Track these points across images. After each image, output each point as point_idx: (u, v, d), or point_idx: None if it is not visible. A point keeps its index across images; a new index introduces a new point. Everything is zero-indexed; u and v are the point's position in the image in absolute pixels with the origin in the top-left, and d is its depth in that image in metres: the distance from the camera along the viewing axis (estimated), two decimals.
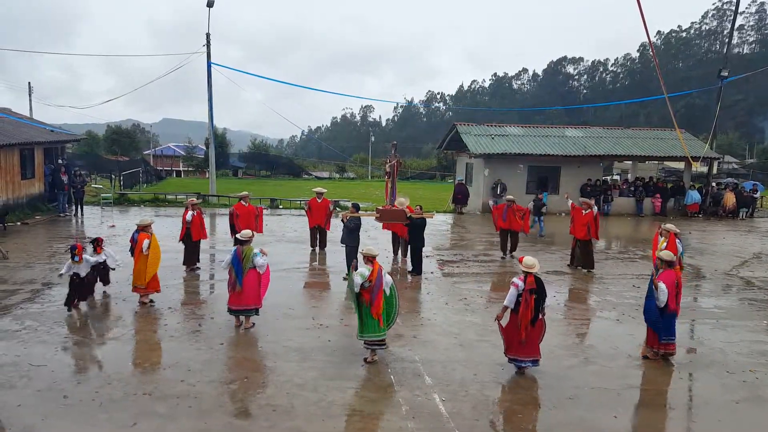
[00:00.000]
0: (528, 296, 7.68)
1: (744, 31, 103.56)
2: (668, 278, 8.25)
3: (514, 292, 7.78)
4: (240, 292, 9.13)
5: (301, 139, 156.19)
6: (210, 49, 26.48)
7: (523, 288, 7.71)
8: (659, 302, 8.14)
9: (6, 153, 19.64)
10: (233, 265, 9.15)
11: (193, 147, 64.34)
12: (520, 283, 7.76)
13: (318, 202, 15.63)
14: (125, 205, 25.79)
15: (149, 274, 10.31)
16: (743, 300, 12.33)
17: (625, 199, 27.00)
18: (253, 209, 14.81)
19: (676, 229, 11.39)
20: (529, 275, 7.79)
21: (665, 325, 8.30)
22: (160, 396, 6.89)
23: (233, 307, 9.30)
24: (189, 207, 13.34)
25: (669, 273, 8.34)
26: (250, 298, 9.20)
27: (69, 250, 10.38)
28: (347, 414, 6.64)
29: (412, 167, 60.30)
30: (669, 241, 11.10)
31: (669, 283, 8.18)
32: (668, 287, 8.14)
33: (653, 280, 8.19)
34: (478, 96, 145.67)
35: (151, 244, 10.25)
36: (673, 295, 8.21)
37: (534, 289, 7.72)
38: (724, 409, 7.09)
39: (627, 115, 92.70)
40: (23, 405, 6.57)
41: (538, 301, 7.76)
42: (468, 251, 16.87)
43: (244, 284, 9.10)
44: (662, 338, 8.36)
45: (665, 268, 8.40)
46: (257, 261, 9.15)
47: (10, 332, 8.90)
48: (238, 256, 9.15)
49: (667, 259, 8.44)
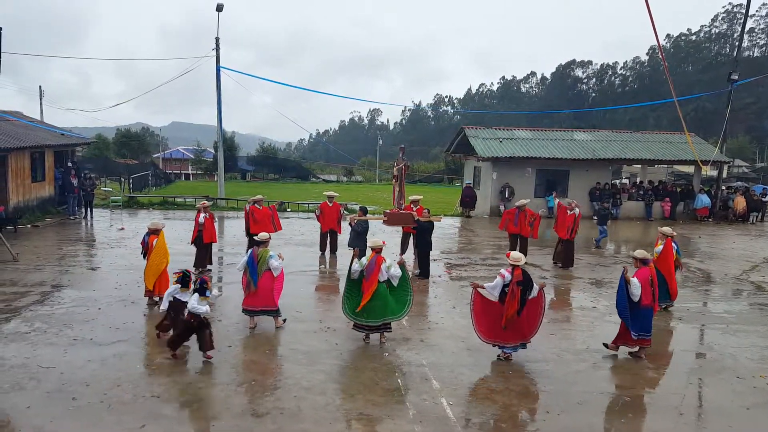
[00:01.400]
0: (515, 288, 8.12)
1: (754, 34, 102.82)
2: (642, 275, 8.59)
3: (499, 282, 8.22)
4: (254, 293, 9.25)
5: (309, 143, 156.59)
6: (219, 52, 26.60)
7: (510, 280, 8.15)
8: (633, 296, 8.46)
9: (17, 156, 19.81)
10: (248, 266, 9.27)
11: (201, 150, 64.62)
12: (507, 274, 8.20)
13: (329, 205, 15.69)
14: (134, 208, 25.94)
15: (155, 274, 10.30)
16: (754, 305, 12.22)
17: (635, 203, 26.85)
18: (268, 212, 14.92)
19: (672, 232, 11.42)
20: (517, 268, 8.23)
21: (641, 320, 8.55)
22: (168, 398, 6.91)
23: (248, 308, 9.41)
24: (201, 209, 13.41)
25: (643, 270, 8.68)
26: (264, 300, 9.31)
27: (197, 282, 8.20)
28: (354, 418, 6.63)
29: (419, 170, 60.26)
30: (665, 244, 11.11)
31: (643, 280, 8.50)
32: (642, 283, 8.45)
33: (624, 275, 8.47)
34: (486, 99, 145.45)
35: (157, 243, 10.28)
36: (649, 291, 8.53)
37: (521, 281, 8.14)
38: (735, 415, 7.02)
39: (636, 119, 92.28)
40: (32, 407, 6.61)
41: (524, 292, 8.18)
42: (476, 255, 16.83)
43: (258, 285, 9.23)
44: (635, 333, 8.59)
45: (640, 266, 8.77)
46: (272, 263, 9.27)
47: (19, 334, 8.96)
48: (254, 258, 9.27)
49: (640, 257, 8.80)
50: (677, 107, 20.32)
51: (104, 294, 11.27)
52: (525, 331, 8.36)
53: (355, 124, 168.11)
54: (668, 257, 11.07)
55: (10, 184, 19.49)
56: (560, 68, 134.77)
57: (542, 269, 14.92)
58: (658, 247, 11.27)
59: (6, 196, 19.14)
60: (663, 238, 11.28)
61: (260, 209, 14.75)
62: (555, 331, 9.87)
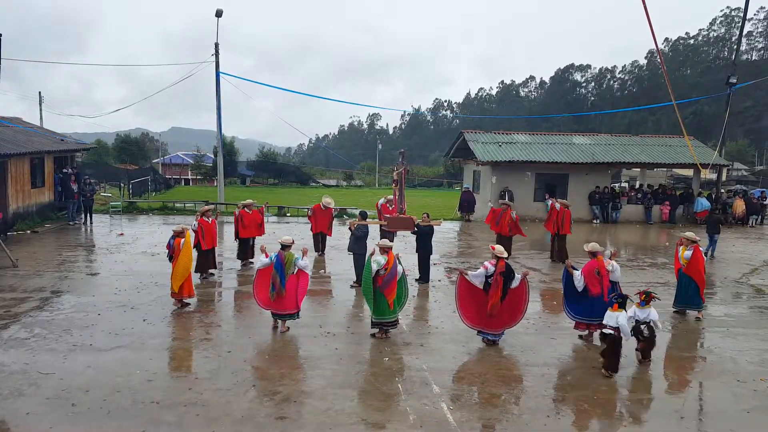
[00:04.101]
0: (498, 278, 8.88)
1: (752, 37, 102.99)
2: (589, 266, 9.37)
3: (482, 272, 9.02)
4: (283, 297, 9.36)
5: (308, 148, 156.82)
6: (218, 58, 26.65)
7: (493, 271, 8.91)
8: (577, 287, 9.30)
9: (17, 162, 19.81)
10: (277, 271, 9.35)
11: (201, 155, 64.66)
12: (490, 266, 8.98)
13: (323, 209, 15.85)
14: (134, 213, 25.93)
15: (182, 277, 10.63)
16: (754, 308, 12.22)
17: (634, 207, 26.86)
18: (257, 217, 14.97)
19: (696, 237, 11.21)
20: (501, 260, 9.00)
21: (584, 305, 9.35)
22: (168, 404, 6.90)
23: (276, 311, 9.53)
24: (204, 215, 13.29)
25: (591, 262, 9.41)
26: (290, 303, 9.45)
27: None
28: (354, 423, 6.61)
29: (419, 175, 60.32)
30: (694, 251, 10.92)
31: (587, 271, 9.29)
32: (585, 274, 9.27)
33: (567, 268, 9.52)
34: (486, 104, 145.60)
35: (185, 245, 10.63)
36: (596, 281, 9.23)
37: (503, 272, 8.92)
38: (735, 418, 7.01)
39: (635, 123, 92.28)
40: (32, 413, 6.60)
41: (506, 282, 8.93)
42: (475, 259, 16.81)
43: (287, 289, 9.36)
44: (570, 315, 9.58)
45: (590, 258, 9.51)
46: (300, 263, 9.51)
47: (19, 340, 8.95)
48: (282, 262, 9.36)
49: (589, 250, 9.55)
50: (676, 111, 20.34)
51: (104, 299, 11.26)
52: (507, 319, 9.13)
53: (354, 128, 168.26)
54: (699, 263, 10.91)
55: (10, 190, 19.48)
56: (559, 72, 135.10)
57: (542, 273, 14.91)
58: (686, 253, 11.01)
59: (5, 202, 19.14)
60: (689, 244, 11.04)
61: (249, 213, 14.83)
62: (556, 335, 9.86)
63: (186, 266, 10.65)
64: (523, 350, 9.07)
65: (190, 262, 10.83)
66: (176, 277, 10.63)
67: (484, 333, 9.20)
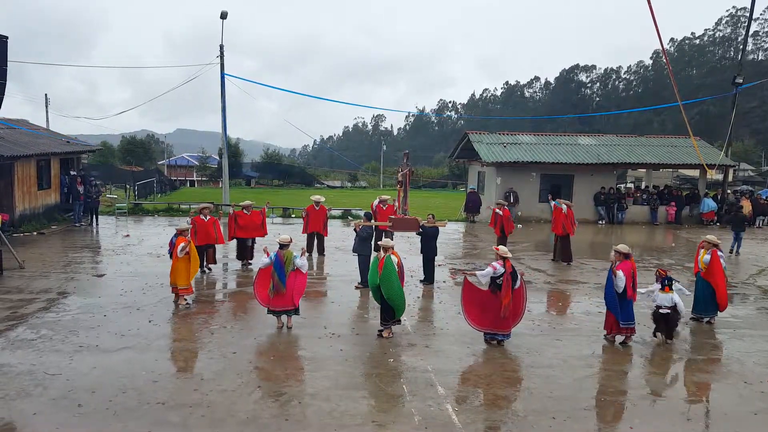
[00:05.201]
0: (508, 278, 8.87)
1: (759, 37, 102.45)
2: (626, 268, 9.19)
3: (490, 271, 9.01)
4: (283, 294, 9.55)
5: (313, 149, 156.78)
6: (223, 60, 26.69)
7: (503, 272, 8.89)
8: (618, 288, 9.07)
9: (23, 164, 19.91)
10: (276, 269, 9.54)
11: (206, 157, 64.76)
12: (499, 267, 8.96)
13: (316, 209, 16.06)
14: (139, 214, 26.00)
15: (192, 274, 11.05)
16: (761, 309, 12.16)
17: (639, 208, 26.76)
18: (257, 218, 15.01)
19: (717, 241, 10.99)
20: (507, 260, 9.02)
21: (624, 310, 9.18)
22: (174, 405, 6.92)
23: (275, 308, 9.68)
24: (201, 212, 13.80)
25: (626, 263, 9.27)
26: (289, 300, 9.63)
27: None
28: (359, 424, 6.61)
29: (424, 176, 60.25)
30: (713, 255, 10.68)
31: (626, 272, 9.12)
32: (626, 275, 9.07)
33: (612, 268, 9.12)
34: (490, 104, 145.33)
35: (190, 248, 10.95)
36: (630, 283, 9.12)
37: (512, 272, 8.96)
38: (742, 420, 6.98)
39: (640, 123, 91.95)
40: (38, 413, 6.63)
41: (513, 282, 8.98)
42: (480, 260, 16.77)
43: (286, 286, 9.55)
44: (621, 323, 9.23)
45: (623, 260, 9.33)
46: (298, 262, 9.70)
47: (26, 341, 8.99)
48: (281, 260, 9.54)
49: (624, 252, 9.40)
50: (682, 111, 20.31)
51: (110, 301, 11.30)
52: (511, 320, 9.12)
53: (358, 130, 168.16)
54: (717, 268, 10.66)
55: (17, 192, 19.58)
56: (564, 73, 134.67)
57: (547, 274, 14.88)
58: (705, 257, 10.79)
59: (12, 204, 19.24)
60: (708, 247, 10.80)
61: (247, 215, 14.87)
62: (561, 336, 9.84)
63: (182, 264, 10.93)
64: (528, 351, 9.05)
65: (196, 260, 11.25)
66: (175, 273, 10.99)
67: (493, 334, 9.18)
